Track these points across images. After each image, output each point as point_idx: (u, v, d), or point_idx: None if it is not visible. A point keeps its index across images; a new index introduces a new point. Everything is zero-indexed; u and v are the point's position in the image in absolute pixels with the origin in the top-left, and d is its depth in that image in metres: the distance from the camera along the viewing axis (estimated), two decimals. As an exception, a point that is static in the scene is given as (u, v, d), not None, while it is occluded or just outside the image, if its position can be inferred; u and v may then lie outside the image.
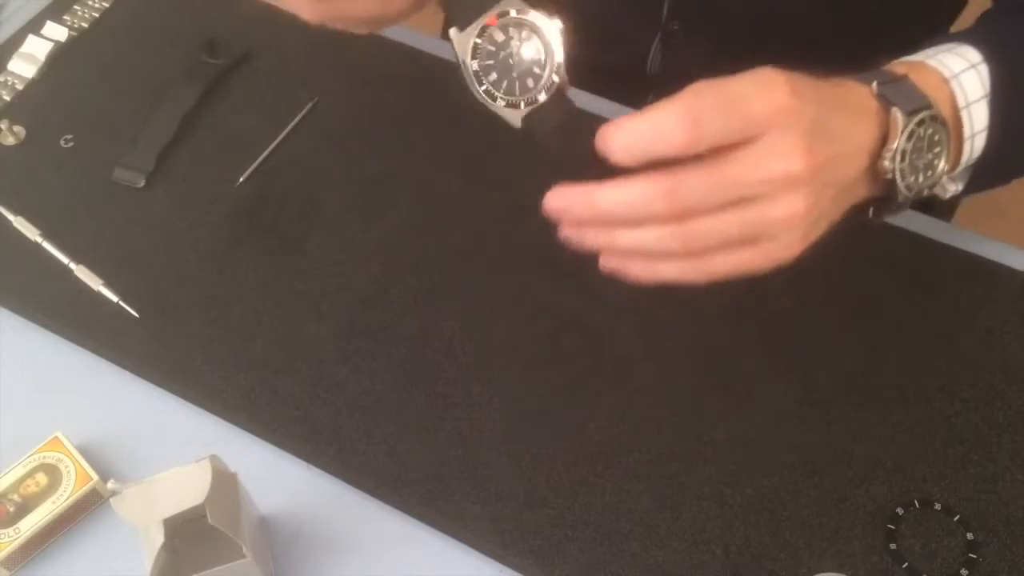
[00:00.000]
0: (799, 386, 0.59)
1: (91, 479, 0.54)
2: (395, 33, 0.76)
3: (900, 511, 0.54)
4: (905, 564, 0.52)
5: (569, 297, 0.62)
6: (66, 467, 0.55)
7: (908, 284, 0.63)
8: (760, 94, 0.45)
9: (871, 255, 0.64)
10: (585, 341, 0.60)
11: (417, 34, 0.77)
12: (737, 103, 0.45)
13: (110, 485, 0.46)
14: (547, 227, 0.66)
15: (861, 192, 0.53)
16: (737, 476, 0.55)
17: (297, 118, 0.70)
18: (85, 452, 0.55)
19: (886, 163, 0.51)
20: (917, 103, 0.51)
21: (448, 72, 0.75)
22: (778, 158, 0.46)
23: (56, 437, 0.56)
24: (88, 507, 0.55)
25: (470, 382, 0.59)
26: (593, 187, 0.47)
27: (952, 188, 0.57)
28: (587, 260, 0.64)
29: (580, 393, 0.58)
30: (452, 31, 0.48)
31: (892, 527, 0.54)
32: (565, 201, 0.48)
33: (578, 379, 0.59)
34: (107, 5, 0.78)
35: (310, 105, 0.71)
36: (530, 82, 0.49)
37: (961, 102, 0.54)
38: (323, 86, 0.72)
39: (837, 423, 0.57)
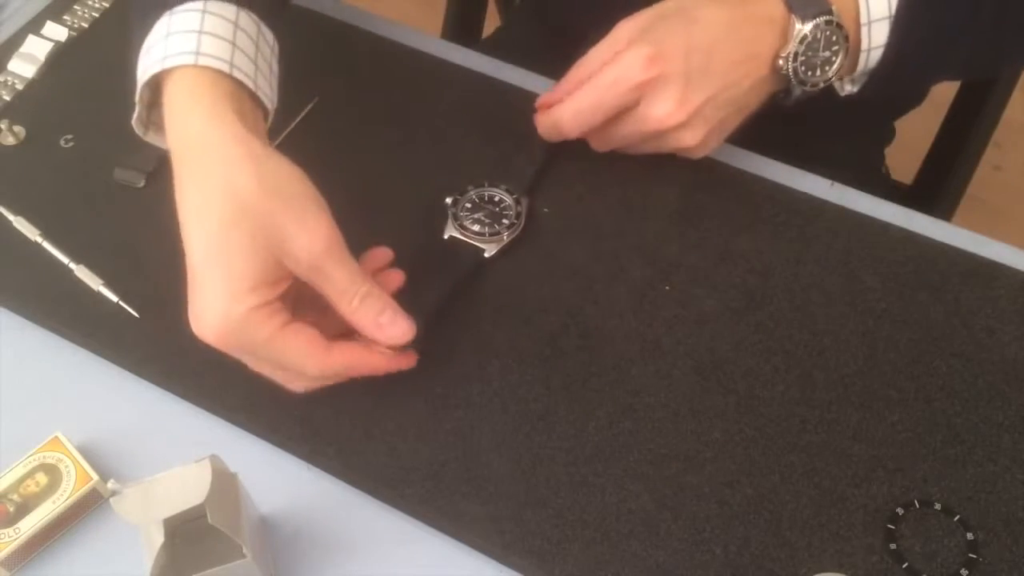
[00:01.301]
0: (799, 386, 0.59)
1: (91, 479, 0.54)
2: (395, 33, 0.76)
3: (900, 511, 0.54)
4: (905, 564, 0.52)
5: (569, 297, 0.62)
6: (66, 467, 0.55)
7: (908, 284, 0.63)
8: (625, 76, 0.59)
9: (871, 255, 0.64)
10: (585, 341, 0.60)
11: (417, 34, 0.77)
12: (607, 94, 0.60)
13: (110, 485, 0.46)
14: (547, 224, 0.66)
15: (767, 89, 0.63)
16: (737, 476, 0.55)
17: (298, 118, 0.70)
18: (85, 452, 0.55)
19: (780, 63, 0.61)
20: (817, 8, 0.60)
21: (449, 73, 0.75)
22: (655, 118, 0.60)
23: (56, 437, 0.56)
24: (88, 507, 0.55)
25: (470, 382, 0.59)
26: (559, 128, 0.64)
27: (849, 88, 0.66)
28: (587, 260, 0.64)
29: (580, 393, 0.58)
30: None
31: (892, 527, 0.54)
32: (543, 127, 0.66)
33: (578, 379, 0.59)
34: (107, 5, 0.78)
35: (310, 105, 0.71)
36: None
37: (864, 19, 0.60)
38: (323, 86, 0.72)
39: (837, 423, 0.57)
